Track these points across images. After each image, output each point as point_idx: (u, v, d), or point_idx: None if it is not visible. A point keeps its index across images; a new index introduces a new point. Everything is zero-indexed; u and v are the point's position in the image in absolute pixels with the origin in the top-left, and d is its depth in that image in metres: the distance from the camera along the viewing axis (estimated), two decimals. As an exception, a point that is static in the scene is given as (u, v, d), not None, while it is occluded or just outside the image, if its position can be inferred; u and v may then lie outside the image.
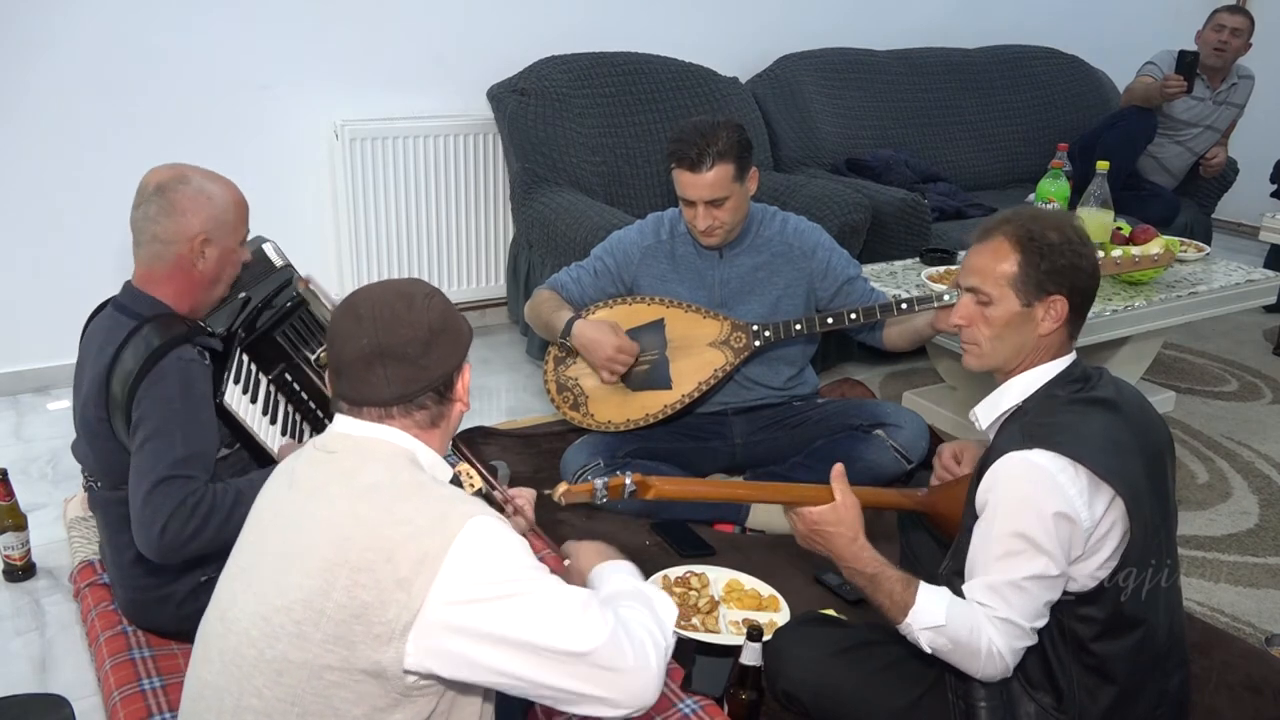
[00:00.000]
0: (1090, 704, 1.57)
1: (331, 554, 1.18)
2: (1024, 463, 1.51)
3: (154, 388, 1.72)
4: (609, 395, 2.55)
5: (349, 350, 1.28)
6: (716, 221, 2.42)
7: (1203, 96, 4.25)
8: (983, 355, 1.68)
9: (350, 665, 1.17)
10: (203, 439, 1.75)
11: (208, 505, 1.67)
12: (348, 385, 1.30)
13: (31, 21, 2.93)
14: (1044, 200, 3.11)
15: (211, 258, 1.83)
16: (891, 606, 1.59)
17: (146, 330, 1.78)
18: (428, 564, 1.16)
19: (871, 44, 4.34)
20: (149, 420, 1.71)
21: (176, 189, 1.80)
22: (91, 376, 1.81)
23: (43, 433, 2.97)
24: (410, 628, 1.16)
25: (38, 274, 3.12)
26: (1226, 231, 5.40)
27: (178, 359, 1.75)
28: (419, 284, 1.35)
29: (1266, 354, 3.95)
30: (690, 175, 2.36)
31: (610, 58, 3.67)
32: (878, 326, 2.57)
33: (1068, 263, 1.60)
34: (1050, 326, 1.62)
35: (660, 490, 1.76)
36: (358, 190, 3.45)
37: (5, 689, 1.87)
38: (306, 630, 1.18)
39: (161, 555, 1.68)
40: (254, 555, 1.29)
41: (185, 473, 1.68)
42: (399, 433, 1.30)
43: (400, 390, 1.28)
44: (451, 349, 1.32)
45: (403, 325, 1.28)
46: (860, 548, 1.65)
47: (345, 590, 1.17)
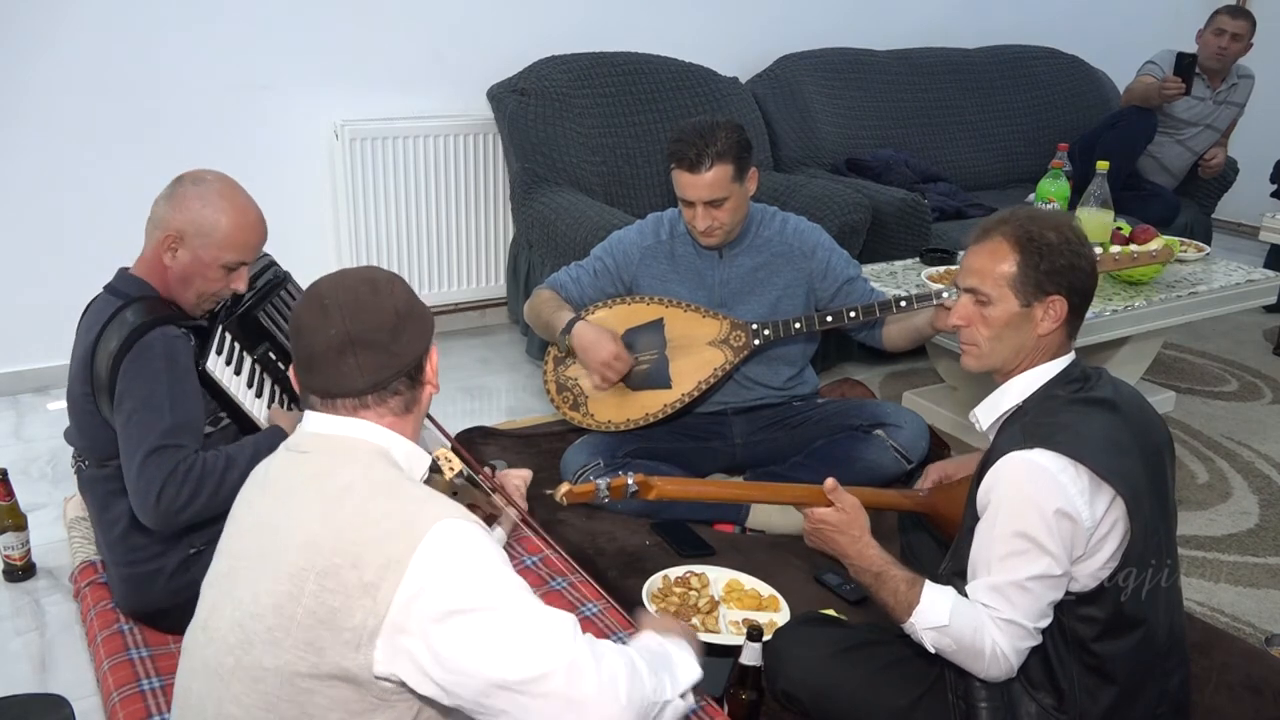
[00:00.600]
0: (1091, 704, 1.57)
1: (300, 559, 1.17)
2: (1025, 462, 1.51)
3: (138, 361, 1.76)
4: (609, 395, 2.55)
5: (318, 342, 1.26)
6: (716, 222, 2.42)
7: (1203, 96, 4.25)
8: (981, 356, 1.68)
9: (322, 671, 1.16)
10: (190, 409, 1.79)
11: (199, 471, 1.72)
12: (319, 379, 1.28)
13: (32, 22, 2.93)
14: (1044, 200, 3.11)
15: (182, 260, 1.85)
16: (896, 605, 1.59)
17: (131, 309, 1.82)
18: (392, 568, 1.14)
19: (871, 44, 4.34)
20: (135, 393, 1.75)
21: (186, 184, 1.85)
22: (77, 355, 1.85)
23: (43, 433, 2.97)
24: (377, 633, 1.14)
25: (38, 274, 3.12)
26: (1226, 231, 5.40)
27: (162, 334, 1.79)
28: (378, 270, 1.33)
29: (1266, 354, 3.95)
30: (689, 176, 2.36)
31: (610, 58, 3.66)
32: (877, 325, 2.57)
33: (1067, 263, 1.59)
34: (1049, 327, 1.61)
35: (662, 491, 1.76)
36: (358, 190, 3.45)
37: (5, 689, 1.87)
38: (279, 636, 1.17)
39: (159, 522, 1.73)
40: (230, 561, 1.28)
41: (175, 441, 1.73)
42: (373, 427, 1.28)
43: (374, 378, 1.27)
44: (419, 331, 1.31)
45: (370, 312, 1.26)
46: (865, 545, 1.67)
47: (314, 596, 1.15)
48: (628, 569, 2.23)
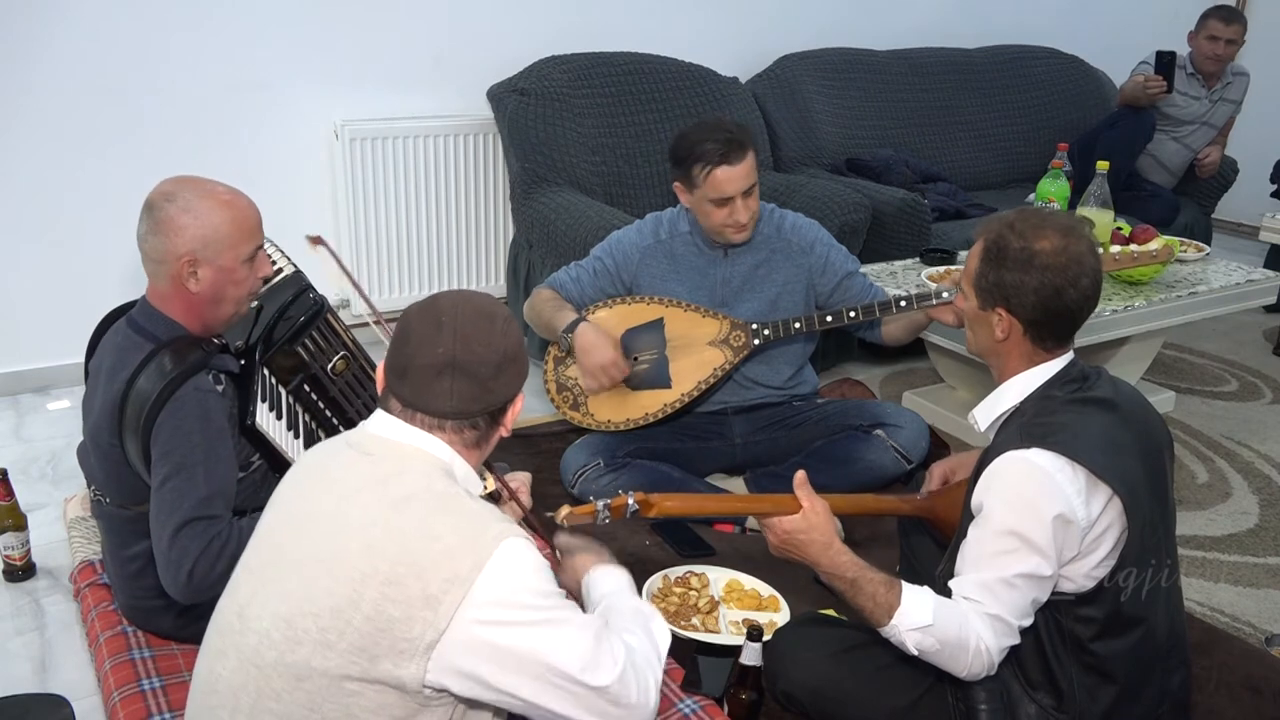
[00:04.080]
0: (1090, 704, 1.57)
1: (363, 564, 1.18)
2: (1022, 462, 1.51)
3: (171, 421, 1.68)
4: (609, 395, 2.55)
5: (422, 355, 1.28)
6: (753, 211, 2.43)
7: (1199, 95, 4.26)
8: (968, 341, 1.73)
9: (371, 676, 1.18)
10: (224, 474, 1.72)
11: (235, 544, 1.64)
12: (409, 388, 1.29)
13: (33, 23, 2.93)
14: (1044, 200, 3.11)
15: (205, 278, 1.74)
16: (875, 609, 1.56)
17: (161, 357, 1.73)
18: (458, 584, 1.16)
19: (871, 44, 4.34)
20: (170, 457, 1.68)
21: (163, 207, 1.72)
22: (104, 402, 1.76)
23: (43, 433, 2.97)
24: (434, 646, 1.16)
25: (38, 274, 3.12)
26: (1226, 231, 5.40)
27: (195, 390, 1.71)
28: (500, 305, 1.35)
29: (1266, 354, 3.95)
30: (729, 169, 2.36)
31: (610, 58, 3.66)
32: (876, 324, 2.58)
33: (1015, 280, 1.56)
34: (1001, 335, 1.61)
35: (662, 507, 1.76)
36: (358, 190, 3.45)
37: (5, 689, 1.87)
38: (331, 639, 1.18)
39: (188, 597, 1.67)
40: (276, 552, 1.28)
41: (209, 513, 1.66)
42: (441, 444, 1.30)
43: (461, 406, 1.29)
44: (516, 377, 1.34)
45: (481, 345, 1.28)
46: (837, 552, 1.62)
47: (373, 603, 1.16)
48: (628, 569, 2.22)
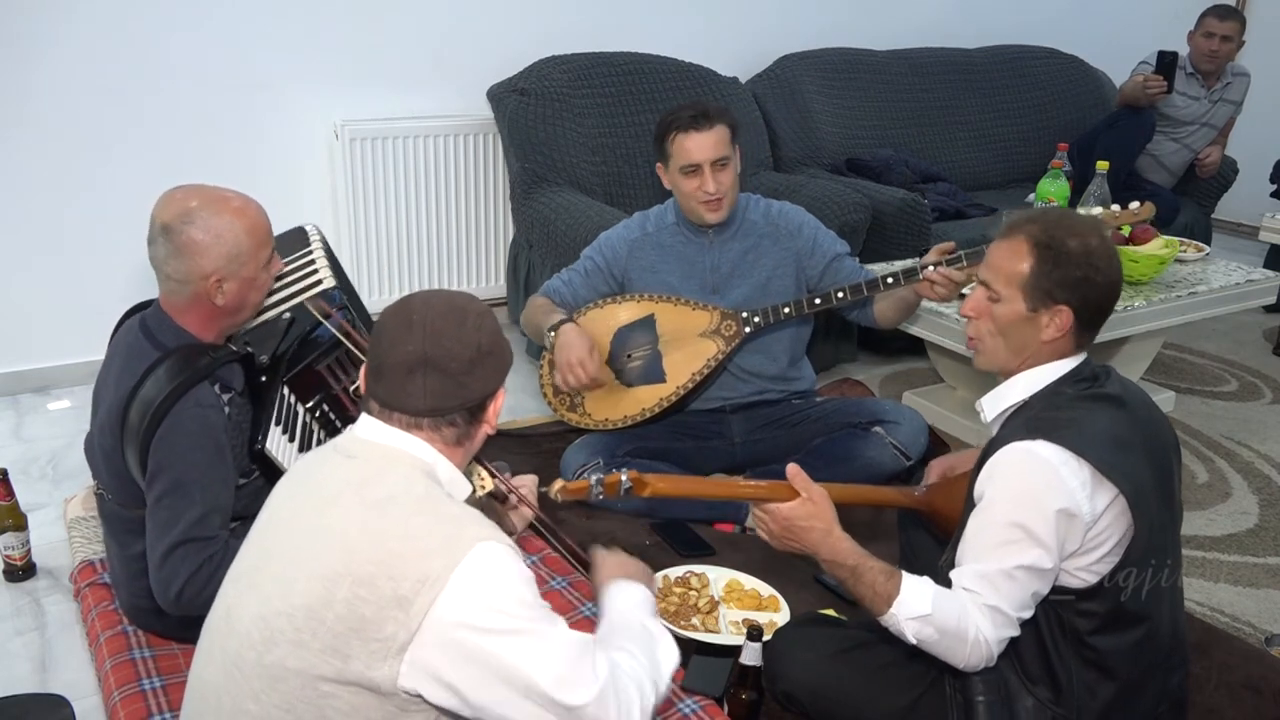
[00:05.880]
0: (1089, 699, 1.57)
1: (337, 563, 1.18)
2: (1027, 453, 1.50)
3: (170, 436, 1.69)
4: (605, 394, 2.55)
5: (394, 354, 1.27)
6: (723, 186, 2.44)
7: (1198, 95, 4.25)
8: (983, 351, 1.67)
9: (345, 677, 1.17)
10: (220, 492, 1.72)
11: (228, 564, 1.62)
12: (384, 388, 1.29)
13: (34, 24, 2.93)
14: (1044, 200, 3.11)
15: (231, 291, 1.76)
16: (875, 598, 1.55)
17: (166, 366, 1.73)
18: (430, 584, 1.15)
19: (871, 44, 4.34)
20: (166, 474, 1.68)
21: (182, 231, 1.71)
22: (108, 406, 1.77)
23: (43, 433, 2.97)
24: (407, 648, 1.15)
25: (39, 274, 3.11)
26: (1226, 231, 5.40)
27: (195, 405, 1.71)
28: (474, 300, 1.34)
29: (1266, 354, 3.95)
30: (695, 135, 2.39)
31: (610, 58, 3.66)
32: (868, 304, 2.58)
33: (1082, 275, 1.56)
34: (1053, 335, 1.60)
35: (656, 488, 1.75)
36: (358, 190, 3.45)
37: (5, 689, 1.87)
38: (305, 638, 1.17)
39: (175, 612, 1.68)
40: (262, 555, 1.29)
41: (203, 534, 1.67)
42: (423, 444, 1.30)
43: (435, 403, 1.28)
44: (494, 372, 1.32)
45: (452, 340, 1.27)
46: (837, 540, 1.61)
47: (345, 602, 1.16)
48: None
